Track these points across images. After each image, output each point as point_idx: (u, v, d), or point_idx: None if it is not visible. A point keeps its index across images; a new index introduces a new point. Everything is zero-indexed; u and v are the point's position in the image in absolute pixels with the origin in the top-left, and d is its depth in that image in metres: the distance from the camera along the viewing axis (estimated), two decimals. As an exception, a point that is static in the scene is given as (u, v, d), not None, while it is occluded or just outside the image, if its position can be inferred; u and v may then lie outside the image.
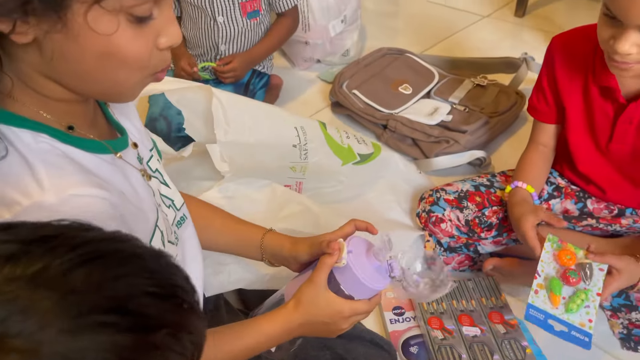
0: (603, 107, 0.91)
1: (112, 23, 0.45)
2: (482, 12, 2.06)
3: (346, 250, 0.64)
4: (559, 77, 0.96)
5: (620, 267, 0.81)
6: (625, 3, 0.72)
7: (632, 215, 0.99)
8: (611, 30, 0.76)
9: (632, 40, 0.74)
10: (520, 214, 0.90)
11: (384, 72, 1.56)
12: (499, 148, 1.39)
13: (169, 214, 0.64)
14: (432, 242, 1.03)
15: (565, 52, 0.95)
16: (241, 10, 1.36)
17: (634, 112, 0.88)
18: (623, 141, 0.92)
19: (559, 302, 0.83)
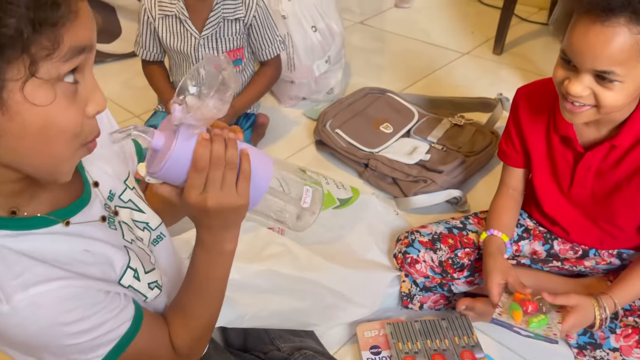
0: (564, 154, 0.98)
1: (49, 93, 0.47)
2: (462, 49, 2.14)
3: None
4: (524, 126, 1.02)
5: (572, 304, 0.87)
6: (578, 48, 0.78)
7: (595, 257, 1.04)
8: (566, 73, 0.82)
9: (584, 84, 0.80)
10: (491, 269, 0.96)
11: (366, 112, 1.62)
12: (475, 186, 1.45)
13: (143, 236, 0.68)
14: (407, 282, 1.08)
15: (528, 103, 1.01)
16: None
17: (591, 160, 0.94)
18: (583, 186, 0.98)
19: (521, 318, 0.88)
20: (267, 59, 1.49)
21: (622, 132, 0.88)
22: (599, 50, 0.75)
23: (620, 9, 0.72)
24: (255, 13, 1.41)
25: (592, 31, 0.75)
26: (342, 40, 1.77)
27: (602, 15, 0.73)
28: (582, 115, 0.84)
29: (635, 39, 0.74)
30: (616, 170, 0.92)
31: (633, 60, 0.75)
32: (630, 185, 0.92)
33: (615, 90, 0.78)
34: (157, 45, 1.44)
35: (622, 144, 0.89)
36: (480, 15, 2.38)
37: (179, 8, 1.36)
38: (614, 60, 0.75)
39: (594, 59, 0.76)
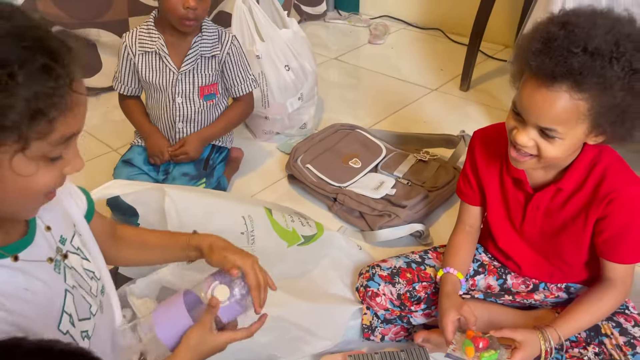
0: (516, 194, 1.05)
1: (32, 166, 0.54)
2: (431, 85, 2.24)
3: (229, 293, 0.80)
4: (480, 167, 1.09)
5: (518, 339, 0.93)
6: (526, 106, 0.86)
7: (544, 291, 1.11)
8: (515, 123, 0.90)
9: (529, 136, 0.88)
10: (446, 307, 1.01)
11: (336, 147, 1.69)
12: (438, 220, 1.51)
13: (92, 285, 0.73)
14: (369, 314, 1.13)
15: (483, 145, 1.08)
16: (199, 93, 1.49)
17: (540, 200, 1.01)
18: (533, 224, 1.05)
19: (473, 353, 0.94)
20: (239, 96, 1.56)
21: (565, 177, 0.96)
22: (543, 110, 0.83)
23: (563, 77, 0.80)
24: (229, 51, 1.49)
25: (539, 93, 0.83)
26: (315, 78, 1.85)
27: (547, 81, 0.81)
28: (525, 164, 0.93)
29: (576, 104, 0.82)
30: (562, 211, 1.00)
31: (573, 122, 0.84)
32: (575, 225, 0.99)
33: (556, 145, 0.87)
34: (136, 80, 1.50)
35: (567, 188, 0.97)
36: (450, 53, 2.49)
37: (159, 45, 1.43)
38: (556, 120, 0.84)
39: (538, 117, 0.85)
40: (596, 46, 0.78)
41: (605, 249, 0.97)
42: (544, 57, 0.80)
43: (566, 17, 0.82)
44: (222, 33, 1.49)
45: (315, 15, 2.90)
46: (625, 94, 0.80)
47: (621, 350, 0.97)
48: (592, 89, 0.80)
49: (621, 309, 1.03)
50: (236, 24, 1.71)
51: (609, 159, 0.94)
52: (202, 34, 1.45)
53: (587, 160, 0.94)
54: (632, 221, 0.93)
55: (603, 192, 0.93)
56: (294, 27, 1.81)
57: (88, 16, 2.00)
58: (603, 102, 0.81)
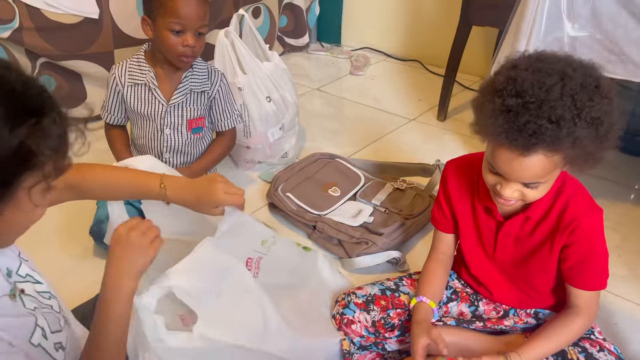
0: (487, 222, 1.09)
1: (42, 198, 0.63)
2: (409, 115, 2.31)
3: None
4: (452, 196, 1.14)
5: None
6: (505, 171, 0.90)
7: (514, 317, 1.14)
8: (496, 179, 0.94)
9: (514, 188, 0.93)
10: (417, 334, 1.04)
11: (315, 176, 1.73)
12: (414, 247, 1.55)
13: (53, 304, 0.77)
14: (347, 340, 1.15)
15: (456, 175, 1.13)
16: (187, 126, 1.53)
17: (510, 228, 1.05)
18: (504, 251, 1.09)
19: None
20: (224, 130, 1.60)
21: (532, 206, 1.01)
22: (523, 173, 0.89)
23: (536, 147, 0.84)
24: (219, 88, 1.54)
25: (515, 161, 0.87)
26: (296, 108, 1.90)
27: (522, 151, 0.85)
28: (512, 207, 1.00)
29: (552, 160, 0.87)
30: (531, 239, 1.04)
31: (552, 172, 0.90)
32: (542, 252, 1.04)
33: (540, 189, 0.93)
34: (122, 111, 1.54)
35: (534, 216, 1.01)
36: (428, 83, 2.57)
37: (149, 78, 1.47)
38: (537, 177, 0.89)
39: (520, 178, 0.91)
40: (560, 115, 0.81)
41: (570, 276, 1.02)
42: (514, 133, 0.83)
43: (516, 84, 0.84)
44: (212, 70, 1.54)
45: (298, 46, 2.98)
46: (594, 141, 0.85)
47: (587, 374, 1.00)
48: (565, 149, 0.85)
49: (587, 335, 1.07)
50: (219, 56, 1.77)
51: (572, 188, 0.99)
52: (192, 69, 1.50)
53: (552, 190, 0.99)
54: (592, 249, 0.98)
55: (566, 220, 0.98)
56: (275, 59, 1.87)
57: (74, 48, 2.04)
58: (576, 153, 0.87)
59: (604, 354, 1.02)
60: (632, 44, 1.38)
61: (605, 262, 1.01)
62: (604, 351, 1.03)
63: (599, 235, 0.99)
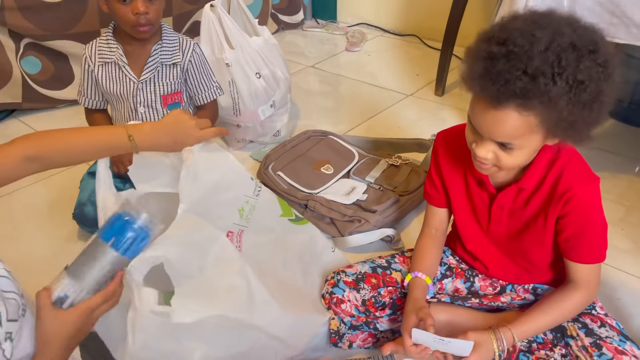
0: (480, 195, 1.04)
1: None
2: (406, 91, 2.24)
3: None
4: (444, 168, 1.08)
5: (474, 340, 0.92)
6: (478, 124, 0.86)
7: (511, 293, 1.09)
8: (474, 137, 0.89)
9: (488, 148, 0.87)
10: (408, 311, 1.00)
11: (307, 154, 1.68)
12: (409, 224, 1.50)
13: (17, 285, 0.72)
14: (336, 320, 1.11)
15: (447, 147, 1.07)
16: (162, 102, 1.47)
17: (503, 200, 1.00)
18: (499, 224, 1.04)
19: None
20: (203, 103, 1.54)
21: (525, 176, 0.95)
22: (495, 128, 0.83)
23: (507, 100, 0.79)
24: (191, 58, 1.47)
25: (488, 114, 0.82)
26: (288, 84, 1.84)
27: (493, 102, 0.81)
28: (489, 170, 0.93)
29: (526, 120, 0.81)
30: (525, 211, 0.99)
31: (526, 134, 0.83)
32: (536, 224, 0.98)
33: (514, 155, 0.87)
34: (99, 93, 1.48)
35: (527, 187, 0.96)
36: (425, 58, 2.50)
37: (117, 55, 1.41)
38: (510, 136, 0.83)
39: (492, 134, 0.85)
40: (536, 67, 0.76)
41: (567, 249, 0.96)
42: (486, 81, 0.79)
43: (505, 32, 0.80)
44: (183, 40, 1.47)
45: (292, 24, 2.90)
46: (572, 107, 0.79)
47: (587, 351, 0.95)
48: (539, 106, 0.79)
49: (587, 310, 1.02)
50: (205, 32, 1.70)
51: (567, 156, 0.93)
52: (162, 41, 1.43)
53: (546, 158, 0.94)
54: (589, 220, 0.93)
55: (560, 190, 0.92)
56: (265, 34, 1.80)
57: (57, 28, 1.98)
58: (551, 116, 0.80)
59: (606, 329, 0.97)
60: (634, 6, 1.31)
61: (604, 233, 0.95)
62: (606, 327, 0.98)
63: (596, 205, 0.93)
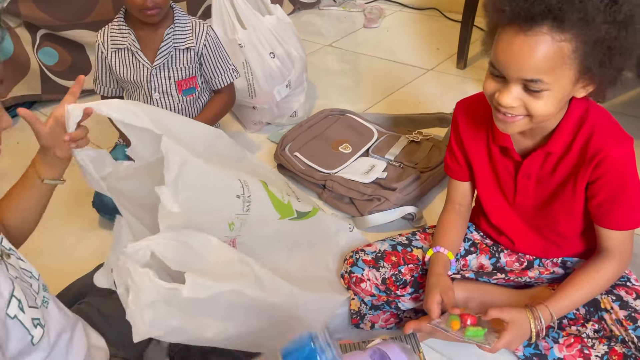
0: (505, 164, 0.98)
1: None
2: (426, 66, 2.17)
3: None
4: (464, 138, 1.03)
5: (506, 319, 0.87)
6: (504, 59, 0.79)
7: (539, 267, 1.04)
8: (496, 85, 0.83)
9: (514, 94, 0.80)
10: (432, 287, 0.96)
11: (325, 133, 1.64)
12: (432, 201, 1.45)
13: (33, 283, 0.72)
14: (356, 300, 1.08)
15: (467, 116, 1.02)
16: (177, 88, 1.45)
17: (529, 167, 0.94)
18: (526, 194, 0.98)
19: (459, 326, 0.88)
20: (219, 87, 1.51)
21: (552, 139, 0.89)
22: (524, 59, 0.76)
23: (542, 17, 0.73)
24: (205, 42, 1.44)
25: (517, 41, 0.76)
26: (303, 64, 1.80)
27: (524, 25, 0.75)
28: (515, 125, 0.85)
29: (559, 47, 0.75)
30: (553, 178, 0.93)
31: (558, 68, 0.77)
32: (565, 191, 0.93)
33: (544, 99, 0.79)
34: (113, 80, 1.47)
35: (556, 151, 0.90)
36: (446, 31, 2.41)
37: (130, 41, 1.40)
38: (540, 69, 0.76)
39: (519, 69, 0.78)
40: None
41: (599, 215, 0.90)
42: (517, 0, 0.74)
43: None
44: (196, 24, 1.44)
45: (308, 3, 2.84)
46: (609, 27, 0.74)
47: (622, 325, 0.90)
48: (574, 26, 0.73)
49: (622, 281, 0.96)
50: (216, 13, 1.67)
51: (596, 116, 0.87)
52: (174, 25, 1.41)
53: (574, 119, 0.87)
54: (623, 183, 0.86)
55: (590, 153, 0.86)
56: (278, 13, 1.76)
57: (72, 17, 1.98)
58: (587, 39, 0.74)
59: (641, 302, 0.91)
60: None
61: (639, 196, 0.89)
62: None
63: (630, 166, 0.86)
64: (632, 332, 0.88)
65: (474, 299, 1.02)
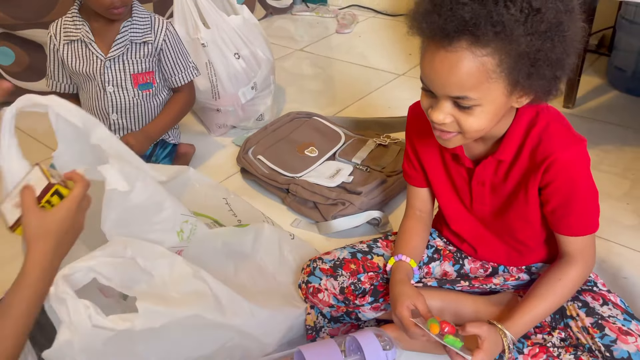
0: (458, 171, 0.94)
1: None
2: (398, 71, 2.14)
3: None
4: (417, 145, 0.98)
5: (483, 335, 0.81)
6: (429, 76, 0.75)
7: (504, 274, 1.00)
8: (429, 101, 0.79)
9: (445, 111, 0.76)
10: (399, 295, 0.90)
11: (290, 136, 1.58)
12: (399, 206, 1.40)
13: None
14: (313, 314, 1.02)
15: (419, 120, 0.96)
16: (132, 81, 1.38)
17: (482, 174, 0.90)
18: (482, 202, 0.94)
19: (438, 330, 0.82)
20: (179, 85, 1.46)
21: (501, 147, 0.85)
22: (446, 76, 0.72)
23: (458, 33, 0.69)
24: (165, 37, 1.39)
25: (437, 58, 0.72)
26: (270, 66, 1.75)
27: (443, 41, 0.71)
28: (451, 142, 0.81)
29: (481, 62, 0.71)
30: (506, 184, 0.89)
31: (484, 83, 0.72)
32: (518, 199, 0.88)
33: (476, 115, 0.75)
34: (66, 75, 1.41)
35: (505, 158, 0.86)
36: (419, 38, 2.38)
37: (84, 32, 1.34)
38: (465, 86, 0.72)
39: (444, 85, 0.74)
40: None
41: (554, 222, 0.86)
42: (433, 15, 0.70)
43: None
44: (155, 19, 1.39)
45: (281, 8, 2.80)
46: (531, 39, 0.69)
47: (588, 332, 0.85)
48: (493, 40, 0.69)
49: (588, 286, 0.92)
50: (178, 11, 1.61)
51: (546, 120, 0.83)
52: (132, 18, 1.35)
53: (522, 124, 0.83)
54: (575, 187, 0.82)
55: (540, 157, 0.81)
56: (244, 13, 1.70)
57: (31, 16, 1.90)
58: (510, 52, 0.70)
59: (608, 307, 0.87)
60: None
61: (594, 200, 0.84)
62: (608, 304, 0.88)
63: (581, 169, 0.82)
64: (599, 341, 0.83)
65: (438, 309, 0.97)
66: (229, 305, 0.91)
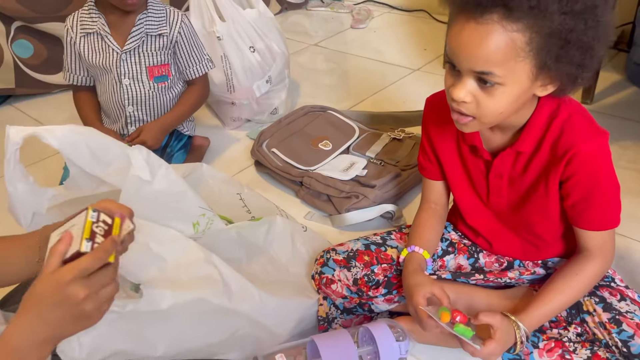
0: (475, 163, 0.93)
1: None
2: (413, 66, 2.13)
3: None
4: (433, 137, 0.98)
5: (496, 325, 0.80)
6: (456, 49, 0.74)
7: (519, 268, 0.99)
8: (452, 79, 0.78)
9: (467, 88, 0.75)
10: (413, 285, 0.89)
11: (304, 130, 1.58)
12: (413, 200, 1.40)
13: None
14: (326, 305, 1.02)
15: (435, 113, 0.96)
16: (148, 74, 1.39)
17: (500, 167, 0.89)
18: (499, 195, 0.93)
19: (449, 319, 0.81)
20: (194, 77, 1.46)
21: (521, 138, 0.84)
22: (474, 49, 0.72)
23: (491, 4, 0.69)
24: (180, 30, 1.40)
25: (466, 30, 0.72)
26: (285, 59, 1.75)
27: (475, 12, 0.70)
28: (467, 126, 0.80)
29: (511, 37, 0.70)
30: (525, 177, 0.88)
31: (511, 61, 0.71)
32: (537, 192, 0.87)
33: (497, 96, 0.74)
34: (83, 68, 1.42)
35: (525, 150, 0.85)
36: (434, 33, 2.37)
37: (100, 25, 1.35)
38: (491, 61, 0.71)
39: (469, 59, 0.73)
40: None
41: (575, 216, 0.85)
42: None
43: None
44: (171, 11, 1.40)
45: (296, 4, 2.80)
46: (565, 17, 0.68)
47: (605, 328, 0.84)
48: (526, 16, 0.68)
49: (606, 282, 0.91)
50: (194, 4, 1.62)
51: (568, 112, 0.81)
52: (147, 11, 1.36)
53: (544, 116, 0.82)
54: (597, 181, 0.81)
55: (561, 150, 0.80)
56: (259, 7, 1.71)
57: (49, 10, 1.92)
58: (541, 30, 0.69)
59: (626, 303, 0.86)
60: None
61: (616, 194, 0.83)
62: (626, 300, 0.86)
63: (604, 162, 0.81)
64: (616, 336, 0.82)
65: (462, 301, 0.96)
66: (238, 292, 0.91)
